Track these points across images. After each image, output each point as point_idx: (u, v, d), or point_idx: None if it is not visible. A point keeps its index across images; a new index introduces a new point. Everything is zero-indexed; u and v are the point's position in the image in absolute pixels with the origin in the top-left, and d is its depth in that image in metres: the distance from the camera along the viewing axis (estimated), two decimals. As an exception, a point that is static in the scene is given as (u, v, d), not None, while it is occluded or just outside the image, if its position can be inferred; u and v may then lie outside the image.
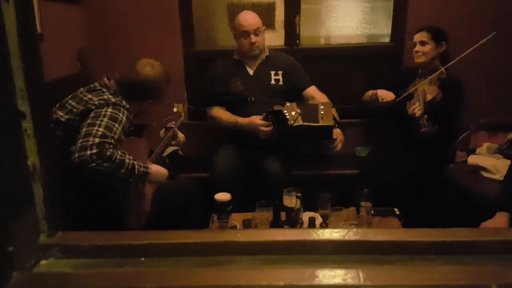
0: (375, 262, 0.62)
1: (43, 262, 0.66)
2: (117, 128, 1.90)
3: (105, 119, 1.88)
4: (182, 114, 2.51)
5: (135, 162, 1.92)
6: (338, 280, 0.56)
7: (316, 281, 0.56)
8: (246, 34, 2.77)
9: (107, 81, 2.11)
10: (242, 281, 0.57)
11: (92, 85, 2.10)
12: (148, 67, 2.12)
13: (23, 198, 0.65)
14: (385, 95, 2.72)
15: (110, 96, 2.01)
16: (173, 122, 2.46)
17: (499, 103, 3.06)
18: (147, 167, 2.00)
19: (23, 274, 0.61)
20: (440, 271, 0.56)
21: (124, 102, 2.03)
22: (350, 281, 0.56)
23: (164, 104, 2.30)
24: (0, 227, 0.59)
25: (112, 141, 1.85)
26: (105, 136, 1.84)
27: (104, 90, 2.06)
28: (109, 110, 1.92)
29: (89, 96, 2.02)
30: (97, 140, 1.81)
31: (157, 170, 2.12)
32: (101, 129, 1.84)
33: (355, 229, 0.66)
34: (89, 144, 1.80)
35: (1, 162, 0.61)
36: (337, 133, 2.67)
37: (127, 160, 1.88)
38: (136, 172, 1.92)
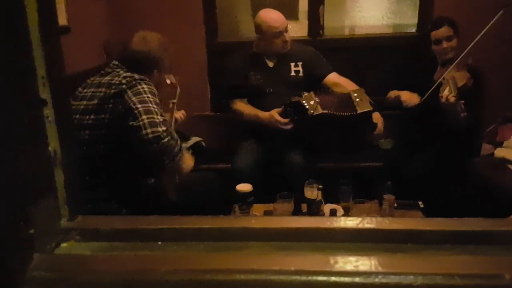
0: (389, 250, 0.62)
1: (63, 245, 0.68)
2: (158, 102, 1.95)
3: (150, 95, 1.91)
4: (177, 85, 2.44)
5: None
6: (349, 267, 0.56)
7: (327, 267, 0.56)
8: (279, 34, 2.75)
9: (116, 62, 2.12)
10: (254, 265, 0.58)
11: (102, 71, 2.11)
12: (141, 42, 2.12)
13: (44, 184, 0.67)
14: (409, 100, 2.67)
15: (130, 74, 2.02)
16: (173, 101, 2.43)
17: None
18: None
19: (44, 255, 0.63)
20: (454, 260, 0.56)
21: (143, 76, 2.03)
22: (361, 268, 0.56)
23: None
24: (22, 211, 0.61)
25: (165, 117, 1.94)
26: (161, 114, 1.90)
27: (118, 70, 2.06)
28: (144, 86, 1.94)
29: (107, 78, 2.02)
30: (160, 118, 1.87)
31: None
32: (155, 106, 1.89)
33: (369, 218, 0.66)
34: (157, 121, 1.85)
35: (23, 148, 0.63)
36: (376, 116, 2.64)
37: (176, 136, 1.98)
38: (182, 149, 2.02)
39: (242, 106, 2.86)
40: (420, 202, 2.33)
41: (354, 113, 2.55)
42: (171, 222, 0.70)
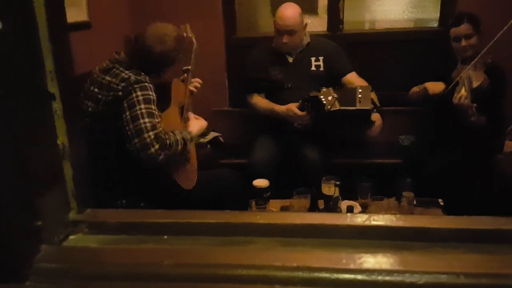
0: (395, 248, 0.61)
1: (72, 237, 0.69)
2: (154, 109, 1.92)
3: (142, 106, 1.88)
4: (194, 39, 2.32)
5: (181, 134, 2.03)
6: (352, 264, 0.55)
7: (330, 264, 0.55)
8: (281, 32, 2.71)
9: (117, 56, 2.06)
10: (256, 261, 0.58)
11: (104, 64, 2.06)
12: (158, 42, 2.02)
13: (53, 176, 0.68)
14: (435, 88, 2.62)
15: (127, 72, 1.96)
16: (187, 67, 2.35)
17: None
18: (190, 133, 2.13)
19: (51, 247, 0.65)
20: (460, 258, 0.54)
21: (143, 75, 1.97)
22: (364, 265, 0.55)
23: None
24: (30, 204, 0.62)
25: (160, 126, 1.91)
26: (154, 126, 1.87)
27: (118, 66, 2.01)
28: (139, 93, 1.90)
29: (108, 78, 1.98)
30: (152, 134, 1.85)
31: (198, 129, 2.26)
32: (146, 120, 1.87)
33: (376, 215, 0.65)
34: (148, 141, 1.85)
35: (32, 141, 0.65)
36: (376, 117, 2.59)
37: (178, 137, 1.98)
38: (188, 142, 2.05)
39: (259, 100, 2.85)
40: (440, 200, 2.29)
41: (353, 108, 2.52)
42: (177, 216, 0.71)
